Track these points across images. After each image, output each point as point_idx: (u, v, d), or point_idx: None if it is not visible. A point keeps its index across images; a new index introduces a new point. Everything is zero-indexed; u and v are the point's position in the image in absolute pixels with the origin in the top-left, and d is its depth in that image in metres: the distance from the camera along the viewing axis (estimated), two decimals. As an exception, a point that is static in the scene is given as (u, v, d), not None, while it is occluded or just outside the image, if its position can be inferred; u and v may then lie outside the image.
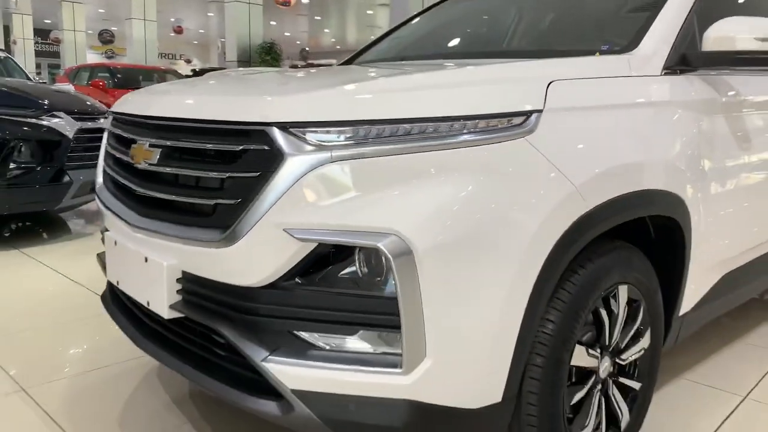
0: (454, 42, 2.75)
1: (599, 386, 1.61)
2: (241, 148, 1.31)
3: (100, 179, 1.92)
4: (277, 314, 1.30)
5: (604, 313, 1.57)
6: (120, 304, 1.84)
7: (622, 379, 1.70)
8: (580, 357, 1.51)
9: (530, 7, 2.62)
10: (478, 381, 1.30)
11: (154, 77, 12.89)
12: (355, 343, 1.27)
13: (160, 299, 1.47)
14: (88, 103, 4.75)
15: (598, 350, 1.58)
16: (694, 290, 1.92)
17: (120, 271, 1.67)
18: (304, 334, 1.29)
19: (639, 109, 1.67)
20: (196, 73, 16.11)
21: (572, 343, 1.45)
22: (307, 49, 31.64)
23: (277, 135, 1.27)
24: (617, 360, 1.66)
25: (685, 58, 1.86)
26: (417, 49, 2.69)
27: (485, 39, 2.67)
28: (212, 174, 1.36)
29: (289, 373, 1.27)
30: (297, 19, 24.71)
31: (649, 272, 1.69)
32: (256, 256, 1.28)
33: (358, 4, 21.18)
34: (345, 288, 1.28)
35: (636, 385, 1.74)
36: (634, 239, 1.69)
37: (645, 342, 1.73)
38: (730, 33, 1.83)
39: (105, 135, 1.97)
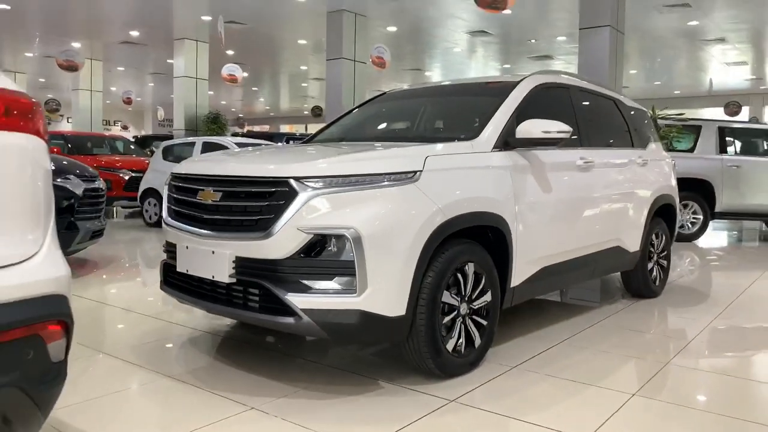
0: (378, 129, 4.17)
1: (460, 318, 2.93)
2: (274, 189, 2.60)
3: (165, 214, 3.14)
4: (292, 272, 2.56)
5: (460, 277, 2.91)
6: (176, 286, 3.03)
7: (475, 317, 3.03)
8: (448, 298, 2.83)
9: (424, 110, 4.07)
10: (393, 302, 2.59)
11: (104, 144, 13.75)
12: (332, 284, 2.55)
13: (223, 273, 2.69)
14: (89, 168, 5.84)
15: (459, 298, 2.91)
16: (519, 273, 3.31)
17: (190, 263, 2.87)
18: (306, 281, 2.55)
19: (476, 169, 3.08)
20: (139, 140, 17.05)
21: (442, 289, 2.77)
22: (242, 116, 32.99)
23: (293, 182, 2.57)
24: (470, 306, 2.99)
25: (507, 142, 3.31)
26: (352, 133, 4.06)
27: (397, 129, 4.10)
28: (259, 203, 2.63)
29: (299, 301, 2.52)
30: (233, 89, 26.11)
31: (486, 258, 3.06)
32: (281, 243, 2.55)
33: (293, 77, 22.89)
34: (326, 257, 2.56)
35: (484, 322, 3.07)
36: (480, 240, 3.06)
37: (488, 298, 3.08)
38: (529, 128, 3.31)
39: (166, 188, 3.20)
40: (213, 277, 2.75)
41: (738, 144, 9.45)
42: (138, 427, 2.34)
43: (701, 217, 8.77)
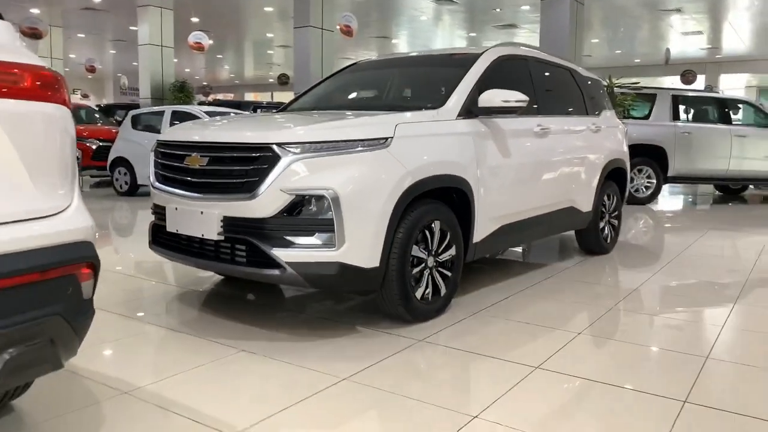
0: (349, 99, 4.41)
1: (428, 270, 3.25)
2: (258, 154, 2.85)
3: (152, 178, 3.35)
4: (276, 229, 2.83)
5: (428, 233, 3.22)
6: (165, 245, 3.27)
7: (441, 269, 3.35)
8: (417, 252, 3.14)
9: (394, 81, 4.32)
10: (367, 255, 2.88)
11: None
12: (313, 239, 2.83)
13: (212, 231, 2.94)
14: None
15: (426, 252, 3.23)
16: (480, 230, 3.64)
17: (179, 223, 3.10)
18: (289, 237, 2.83)
19: (442, 135, 3.37)
20: (103, 108, 16.77)
21: (411, 243, 3.08)
22: (207, 84, 32.47)
23: (275, 148, 2.82)
24: (437, 259, 3.31)
25: (469, 110, 3.60)
26: (324, 102, 4.30)
27: (367, 98, 4.35)
28: (245, 167, 2.88)
29: (283, 254, 2.80)
30: (197, 57, 25.69)
31: (451, 216, 3.37)
32: (266, 203, 2.81)
33: (258, 44, 22.65)
34: (307, 216, 2.83)
35: (449, 273, 3.40)
36: (446, 200, 3.37)
37: (452, 252, 3.40)
38: (490, 97, 3.60)
39: (152, 154, 3.40)
40: (202, 235, 3.00)
41: (690, 112, 9.95)
42: (139, 367, 2.61)
43: (655, 181, 9.27)
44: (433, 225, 3.25)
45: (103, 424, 2.09)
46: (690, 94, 10.30)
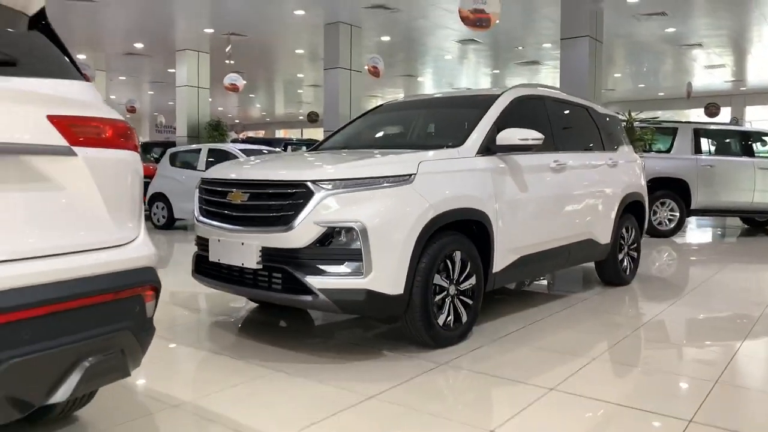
0: (377, 138, 4.69)
1: (449, 298, 3.45)
2: (294, 190, 3.12)
3: (197, 213, 3.65)
4: (310, 258, 3.08)
5: (449, 263, 3.43)
6: (207, 274, 3.54)
7: (462, 297, 3.55)
8: (439, 280, 3.35)
9: (418, 120, 4.59)
10: (393, 283, 3.10)
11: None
12: (343, 268, 3.07)
13: (251, 261, 3.20)
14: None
15: (448, 281, 3.43)
16: (500, 261, 3.83)
17: (221, 253, 3.37)
18: (321, 266, 3.07)
19: (462, 172, 3.60)
20: (141, 146, 17.47)
21: (434, 273, 3.29)
22: (239, 122, 33.48)
23: (309, 184, 3.09)
24: (458, 287, 3.51)
25: (488, 148, 3.84)
26: (354, 141, 4.58)
27: (393, 137, 4.63)
28: (281, 202, 3.15)
29: (316, 282, 3.04)
30: (230, 96, 26.63)
31: (471, 247, 3.58)
32: (301, 234, 3.06)
33: (289, 84, 23.40)
34: (338, 246, 3.08)
35: (470, 301, 3.59)
36: (467, 232, 3.59)
37: (473, 281, 3.60)
38: (507, 136, 3.84)
39: (197, 191, 3.71)
40: (243, 264, 3.26)
41: (712, 144, 10.02)
42: (184, 385, 2.85)
43: (678, 214, 9.31)
44: (454, 255, 3.46)
45: (156, 432, 2.33)
46: (712, 127, 10.37)
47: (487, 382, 2.90)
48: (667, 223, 9.37)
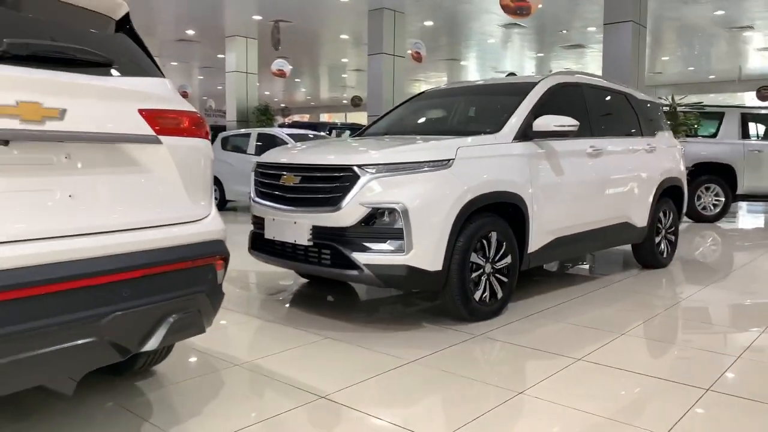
0: (417, 124, 4.90)
1: (485, 276, 3.66)
2: (341, 174, 3.37)
3: (253, 194, 3.95)
4: (356, 236, 3.33)
5: (486, 243, 3.63)
6: (262, 250, 3.84)
7: (498, 275, 3.75)
8: (475, 258, 3.56)
9: (458, 107, 4.77)
10: (432, 259, 3.33)
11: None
12: (386, 245, 3.31)
13: (303, 238, 3.48)
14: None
15: (484, 259, 3.64)
16: (535, 242, 4.01)
17: (276, 231, 3.67)
18: (366, 243, 3.32)
19: (499, 157, 3.79)
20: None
21: (471, 251, 3.50)
22: (285, 105, 34.04)
23: (356, 168, 3.34)
24: (494, 266, 3.71)
25: (525, 134, 4.00)
26: (396, 127, 4.80)
27: (435, 124, 4.83)
28: (330, 185, 3.41)
29: (361, 258, 3.29)
30: (277, 81, 27.10)
31: (507, 229, 3.77)
32: (348, 214, 3.32)
33: (333, 68, 23.69)
34: (381, 225, 3.32)
35: (505, 279, 3.79)
36: (503, 214, 3.78)
37: (508, 260, 3.79)
38: (544, 122, 3.99)
39: (253, 174, 4.00)
40: (295, 241, 3.54)
41: (760, 129, 9.80)
42: (243, 348, 3.16)
43: (723, 199, 9.20)
44: (490, 235, 3.66)
45: (223, 385, 2.64)
46: (759, 112, 10.13)
47: (518, 352, 3.11)
48: (712, 208, 9.26)
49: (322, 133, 12.53)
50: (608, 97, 5.17)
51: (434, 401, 2.53)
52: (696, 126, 8.92)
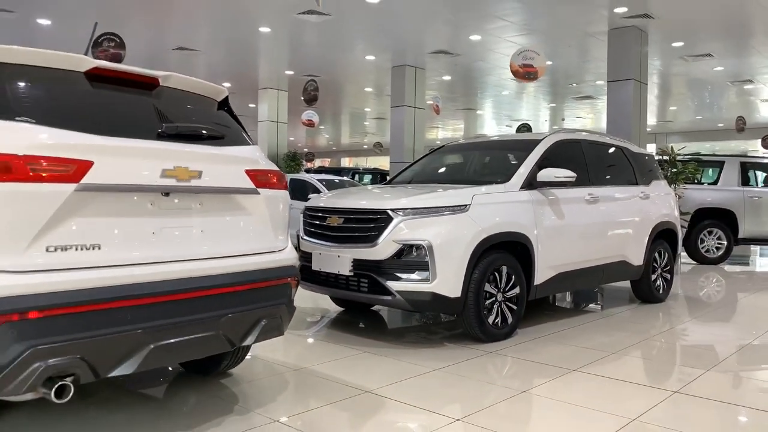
0: (438, 174, 5.64)
1: (497, 303, 4.31)
2: (378, 216, 4.09)
3: (302, 233, 4.68)
4: (389, 267, 4.02)
5: (497, 275, 4.30)
6: (310, 280, 4.54)
7: (508, 303, 4.39)
8: (489, 288, 4.22)
9: (473, 160, 5.51)
10: (452, 288, 4.00)
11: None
12: (414, 275, 3.99)
13: (345, 269, 4.17)
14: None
15: (496, 289, 4.29)
16: (540, 275, 4.65)
17: (322, 264, 4.37)
18: (398, 273, 4.01)
19: (508, 203, 4.48)
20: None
21: (485, 281, 4.16)
22: (309, 151, 35.31)
23: (390, 212, 4.06)
24: (505, 295, 4.36)
25: (530, 184, 4.71)
26: (420, 176, 5.53)
27: (453, 174, 5.56)
28: (368, 225, 4.13)
29: (394, 285, 3.98)
30: (300, 126, 28.39)
31: (515, 263, 4.43)
32: (383, 249, 4.02)
33: (355, 116, 24.82)
34: (410, 259, 4.01)
35: (514, 307, 4.43)
36: (512, 251, 4.45)
37: (517, 291, 4.44)
38: (546, 174, 4.70)
39: (302, 216, 4.74)
40: (338, 272, 4.24)
41: (759, 177, 10.38)
42: (298, 357, 3.82)
43: (725, 242, 9.72)
44: (501, 269, 4.32)
45: (288, 383, 3.30)
46: (757, 160, 10.73)
47: (524, 365, 3.74)
48: (715, 251, 9.78)
49: (346, 178, 13.37)
50: (605, 151, 5.87)
51: (453, 395, 3.16)
52: (694, 174, 9.53)
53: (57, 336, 1.98)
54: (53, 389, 1.99)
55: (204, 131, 2.60)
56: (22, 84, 2.25)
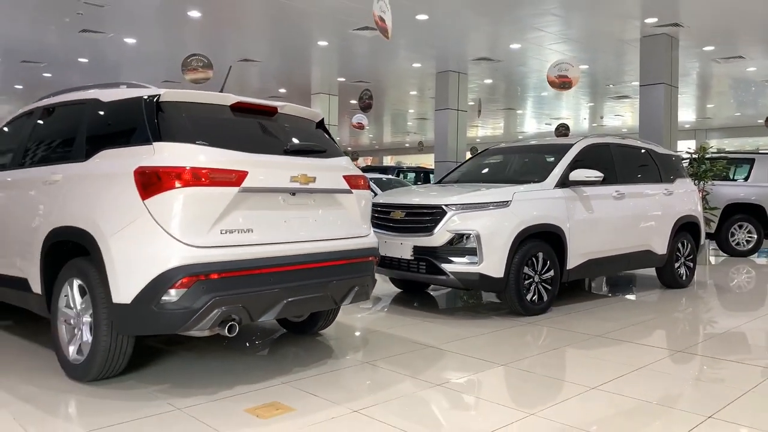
0: (482, 174, 6.40)
1: (534, 284, 5.05)
2: (434, 210, 4.90)
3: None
4: (444, 253, 4.83)
5: (535, 260, 5.04)
6: (378, 263, 5.38)
7: (544, 284, 5.13)
8: (527, 270, 4.97)
9: (513, 162, 6.26)
10: (497, 269, 4.77)
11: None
12: (465, 259, 4.78)
13: (406, 254, 5.00)
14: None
15: (533, 271, 5.04)
16: (572, 261, 5.37)
17: (387, 250, 5.19)
18: (451, 257, 4.81)
19: (544, 199, 5.22)
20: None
21: (524, 265, 4.91)
22: (354, 150, 36.42)
23: (444, 207, 4.86)
24: (541, 277, 5.10)
25: (563, 183, 5.43)
26: (466, 177, 6.30)
27: (495, 174, 6.33)
28: (426, 218, 4.95)
29: (447, 267, 4.78)
30: (344, 126, 29.39)
31: (550, 250, 5.16)
32: (438, 238, 4.82)
33: (398, 117, 25.64)
34: (461, 245, 4.80)
35: (549, 287, 5.17)
36: (547, 240, 5.18)
37: (551, 273, 5.17)
38: (577, 174, 5.41)
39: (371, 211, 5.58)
40: (401, 256, 5.07)
41: (790, 173, 10.68)
42: (372, 323, 4.66)
43: (755, 236, 10.13)
44: (538, 255, 5.06)
45: (370, 339, 4.15)
46: (789, 158, 11.02)
47: (556, 332, 4.49)
48: (745, 243, 10.19)
49: (392, 176, 14.25)
50: (632, 153, 6.52)
51: (499, 351, 3.95)
52: (721, 172, 9.96)
53: (228, 291, 2.87)
54: (226, 327, 2.88)
55: (316, 148, 3.47)
56: (193, 116, 3.15)
